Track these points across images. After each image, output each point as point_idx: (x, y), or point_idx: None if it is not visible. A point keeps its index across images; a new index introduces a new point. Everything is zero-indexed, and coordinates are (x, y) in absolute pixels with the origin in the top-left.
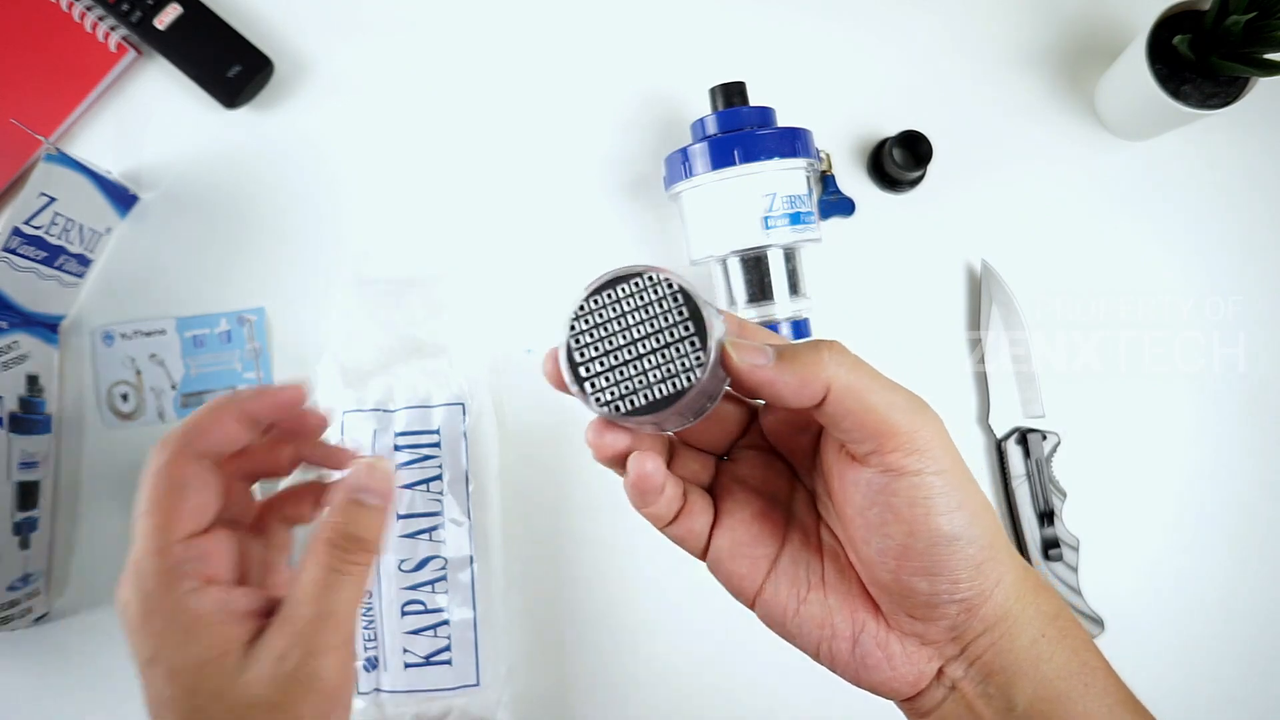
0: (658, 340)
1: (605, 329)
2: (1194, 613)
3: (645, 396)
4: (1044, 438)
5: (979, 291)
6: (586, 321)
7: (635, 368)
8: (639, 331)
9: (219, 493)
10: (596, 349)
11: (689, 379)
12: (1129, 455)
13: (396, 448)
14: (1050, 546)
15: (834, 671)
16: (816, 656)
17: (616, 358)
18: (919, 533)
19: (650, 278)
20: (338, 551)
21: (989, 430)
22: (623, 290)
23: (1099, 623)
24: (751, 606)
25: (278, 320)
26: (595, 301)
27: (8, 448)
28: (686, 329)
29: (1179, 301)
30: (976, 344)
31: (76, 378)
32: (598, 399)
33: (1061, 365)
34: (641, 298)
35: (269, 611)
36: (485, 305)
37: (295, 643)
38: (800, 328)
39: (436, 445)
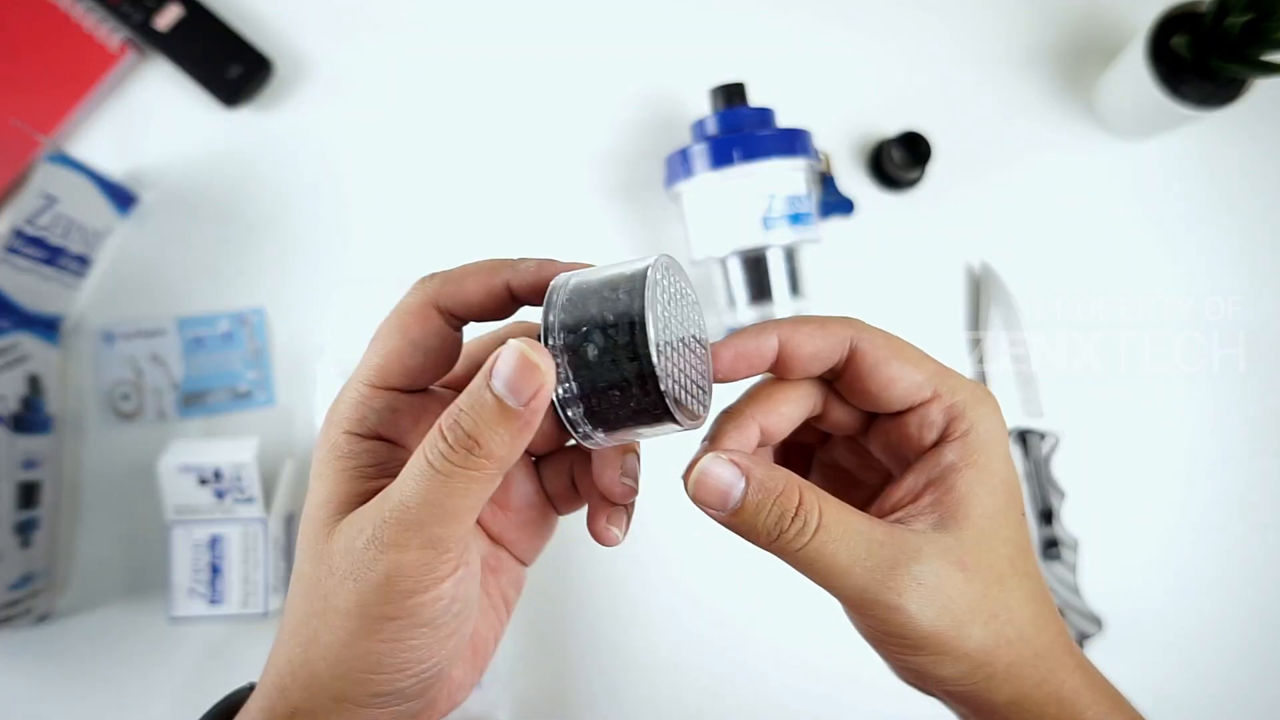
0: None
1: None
2: (1193, 612)
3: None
4: (1043, 438)
5: (979, 291)
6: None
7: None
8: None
9: (450, 357)
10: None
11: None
12: (1129, 455)
13: None
14: (1049, 546)
15: None
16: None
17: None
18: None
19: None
20: (443, 444)
21: None
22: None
23: (1098, 622)
24: None
25: (278, 320)
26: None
27: (9, 448)
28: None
29: (1179, 301)
30: (976, 344)
31: (77, 378)
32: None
33: (1061, 365)
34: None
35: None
36: None
37: (372, 533)
38: None
39: None
